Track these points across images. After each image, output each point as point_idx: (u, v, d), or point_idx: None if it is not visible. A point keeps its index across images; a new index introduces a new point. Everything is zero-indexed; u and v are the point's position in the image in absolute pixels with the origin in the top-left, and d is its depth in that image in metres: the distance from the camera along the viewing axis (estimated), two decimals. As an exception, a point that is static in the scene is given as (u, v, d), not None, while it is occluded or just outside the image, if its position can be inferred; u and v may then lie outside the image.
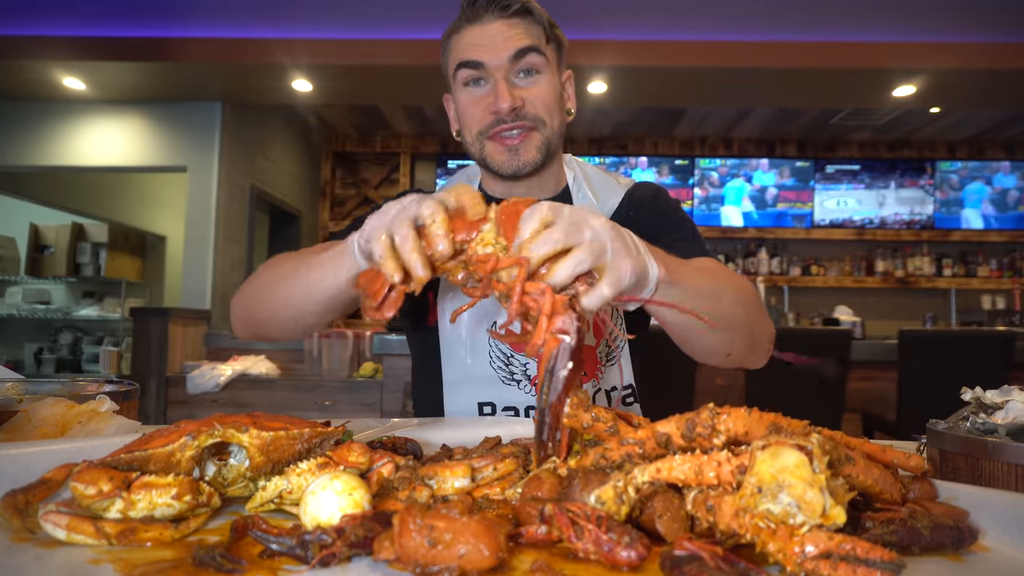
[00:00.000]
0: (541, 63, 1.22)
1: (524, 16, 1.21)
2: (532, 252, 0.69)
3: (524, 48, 1.19)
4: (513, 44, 1.19)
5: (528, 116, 1.21)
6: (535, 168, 1.25)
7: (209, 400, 4.12)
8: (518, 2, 1.20)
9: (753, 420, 0.57)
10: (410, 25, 4.45)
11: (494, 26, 1.20)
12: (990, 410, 0.82)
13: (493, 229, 0.73)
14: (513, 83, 1.21)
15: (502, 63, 1.19)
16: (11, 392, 1.05)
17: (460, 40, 1.23)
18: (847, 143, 7.02)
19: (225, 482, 0.68)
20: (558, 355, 0.66)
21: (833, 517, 0.47)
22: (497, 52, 1.19)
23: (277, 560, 0.52)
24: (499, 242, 0.73)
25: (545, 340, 0.67)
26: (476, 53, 1.20)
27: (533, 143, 1.22)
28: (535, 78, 1.22)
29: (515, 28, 1.20)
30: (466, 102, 1.24)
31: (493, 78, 1.20)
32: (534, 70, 1.21)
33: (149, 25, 4.58)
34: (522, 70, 1.21)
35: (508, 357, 1.25)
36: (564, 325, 0.66)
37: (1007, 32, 4.44)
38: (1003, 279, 6.89)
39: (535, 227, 0.70)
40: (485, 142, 1.24)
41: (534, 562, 0.52)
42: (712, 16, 4.41)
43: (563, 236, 0.69)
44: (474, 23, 1.21)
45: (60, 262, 6.13)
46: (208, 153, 5.50)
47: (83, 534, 0.55)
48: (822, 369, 3.17)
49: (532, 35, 1.21)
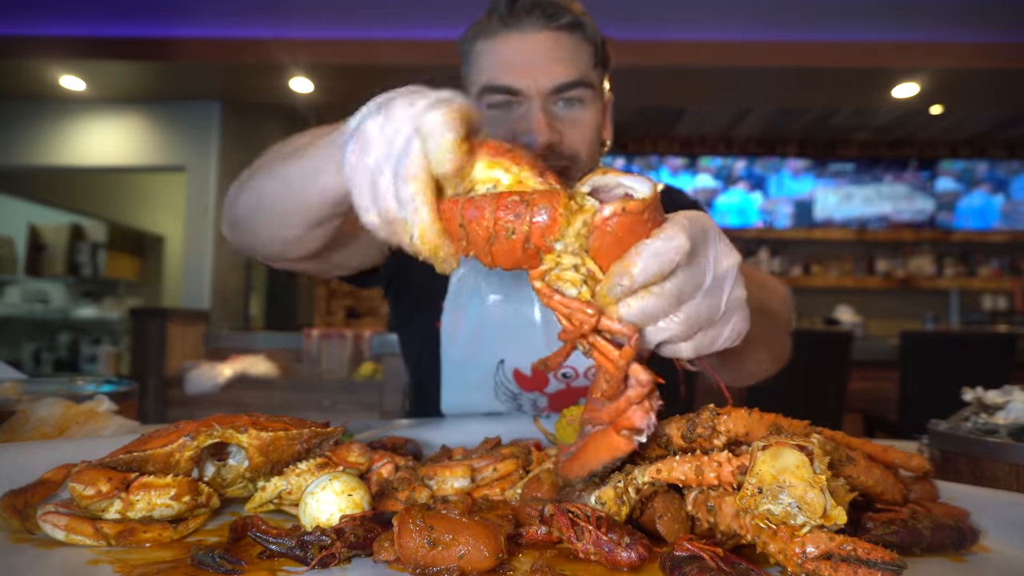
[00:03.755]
0: (586, 94, 1.04)
1: (574, 31, 1.02)
2: (632, 306, 0.49)
3: (570, 83, 1.00)
4: (558, 74, 0.99)
5: (565, 154, 1.02)
6: None
7: (208, 400, 4.11)
8: (569, 13, 1.01)
9: (754, 421, 0.57)
10: (410, 25, 4.45)
11: (537, 39, 1.00)
12: (991, 410, 0.82)
13: (577, 240, 0.50)
14: (552, 112, 1.02)
15: (543, 91, 0.99)
16: (10, 392, 1.05)
17: (493, 50, 1.02)
18: (847, 143, 7.02)
19: (224, 482, 0.68)
20: (613, 460, 0.53)
21: (834, 518, 0.47)
22: (537, 77, 0.99)
23: (276, 561, 0.52)
24: (582, 261, 0.51)
25: (612, 435, 0.52)
26: (512, 77, 0.99)
27: None
28: (578, 110, 1.04)
29: (562, 46, 1.00)
30: (490, 125, 1.04)
31: (529, 103, 1.01)
32: (577, 101, 1.04)
33: (148, 25, 4.58)
34: (563, 100, 1.03)
35: (516, 395, 1.19)
36: (640, 423, 0.51)
37: (1007, 32, 4.44)
38: (1004, 279, 6.89)
39: (651, 272, 0.49)
40: None
41: (534, 563, 0.52)
42: (712, 16, 4.41)
43: (678, 292, 0.51)
44: (512, 30, 1.01)
45: (59, 262, 6.13)
46: (207, 153, 5.50)
47: (82, 535, 0.55)
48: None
49: (581, 59, 1.02)
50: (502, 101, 1.02)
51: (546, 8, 0.99)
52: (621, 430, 0.52)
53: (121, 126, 5.57)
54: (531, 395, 1.19)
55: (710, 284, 0.53)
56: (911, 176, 7.01)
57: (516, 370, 1.18)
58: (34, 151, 5.55)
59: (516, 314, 1.17)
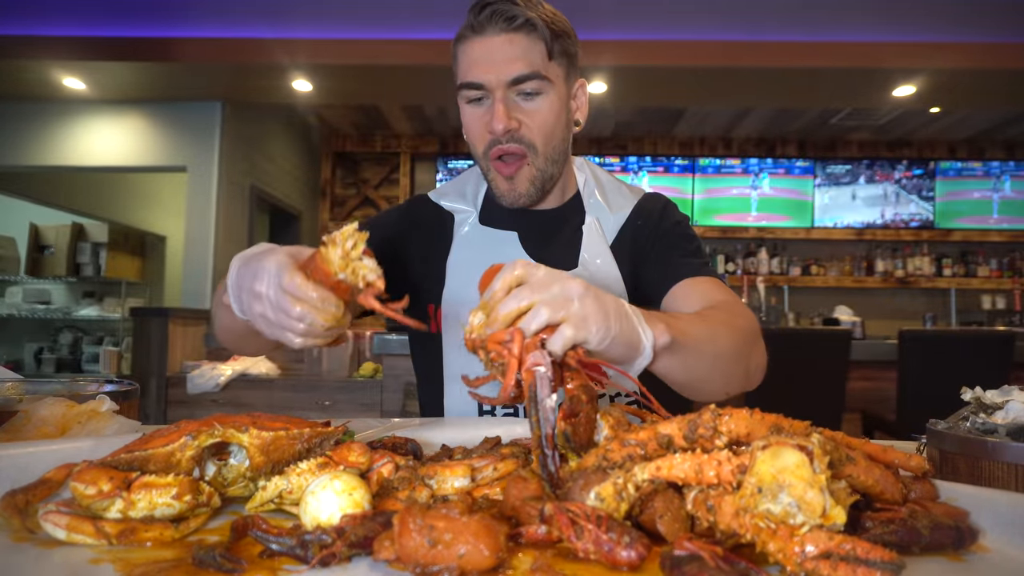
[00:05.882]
0: (543, 86, 1.19)
1: (528, 32, 1.17)
2: (500, 311, 0.71)
3: (521, 76, 1.17)
4: (511, 69, 1.16)
5: (523, 140, 1.19)
6: (530, 202, 1.25)
7: (209, 400, 4.11)
8: (523, 15, 1.16)
9: (754, 421, 0.57)
10: (410, 25, 4.45)
11: (496, 41, 1.17)
12: (990, 410, 0.82)
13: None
14: (514, 102, 1.19)
15: (501, 84, 1.17)
16: (11, 392, 1.06)
17: (465, 54, 1.21)
18: (847, 143, 7.02)
19: (225, 482, 0.68)
20: (537, 385, 0.67)
21: (833, 517, 0.47)
22: (497, 72, 1.17)
23: (277, 560, 0.52)
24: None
25: (521, 378, 0.68)
26: (477, 74, 1.18)
27: (525, 176, 1.21)
28: (536, 101, 1.20)
29: (516, 45, 1.17)
30: (468, 119, 1.23)
31: (493, 97, 1.19)
32: (535, 92, 1.19)
33: (149, 25, 4.58)
34: (520, 92, 1.19)
35: None
36: (535, 359, 0.68)
37: (1007, 32, 4.44)
38: (1003, 279, 6.89)
39: (503, 285, 0.73)
40: (489, 165, 1.23)
41: (534, 562, 0.52)
42: (712, 16, 4.41)
43: (530, 293, 0.72)
44: (478, 34, 1.19)
45: (60, 262, 6.13)
46: (208, 153, 5.50)
47: (83, 534, 0.55)
48: None
49: (534, 54, 1.18)
50: (475, 96, 1.20)
51: (503, 14, 1.16)
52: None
53: (122, 126, 5.57)
54: None
55: (558, 292, 0.73)
56: (910, 176, 7.01)
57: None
58: (36, 151, 5.55)
59: None
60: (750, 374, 1.10)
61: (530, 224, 1.30)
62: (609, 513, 0.54)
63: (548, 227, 1.31)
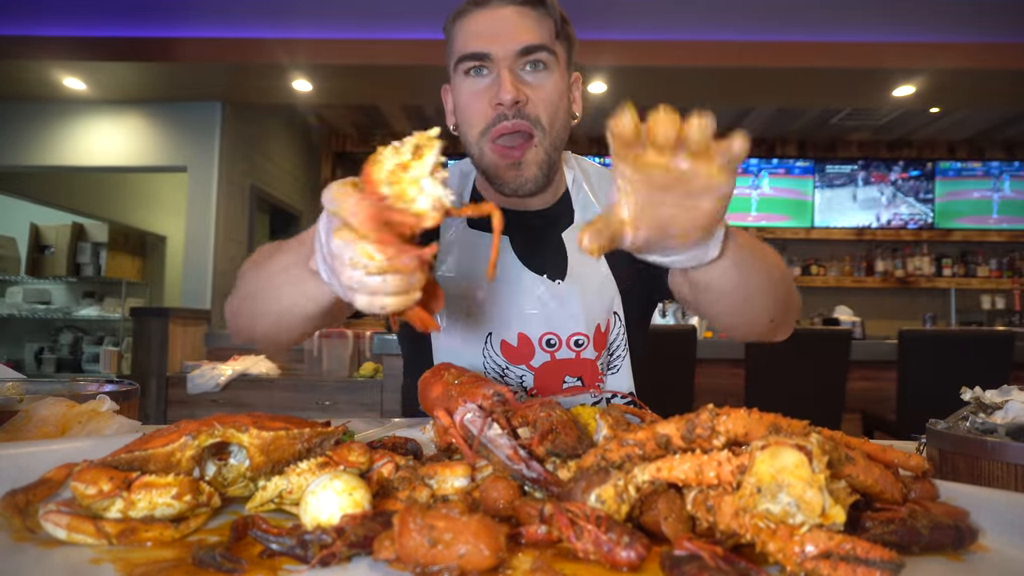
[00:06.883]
0: (550, 61, 1.15)
1: (536, 6, 1.14)
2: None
3: (533, 46, 1.12)
4: (522, 38, 1.11)
5: (529, 116, 1.13)
6: (536, 188, 1.19)
7: (209, 400, 4.11)
8: None
9: (753, 421, 0.57)
10: (409, 25, 4.45)
11: (503, 12, 1.12)
12: (990, 410, 0.82)
13: None
14: (519, 76, 1.13)
15: (509, 54, 1.11)
16: (11, 392, 1.06)
17: (465, 26, 1.15)
18: (847, 143, 7.02)
19: (225, 482, 0.68)
20: (470, 430, 0.70)
21: (833, 517, 0.47)
22: (504, 43, 1.11)
23: (277, 560, 0.52)
24: None
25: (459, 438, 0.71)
26: (481, 43, 1.12)
27: (534, 159, 1.15)
28: (542, 75, 1.14)
29: (526, 18, 1.13)
30: (467, 95, 1.16)
31: (498, 68, 1.12)
32: (542, 65, 1.14)
33: (149, 25, 4.58)
34: (529, 63, 1.14)
35: (503, 369, 1.22)
36: (460, 415, 0.72)
37: (1007, 32, 4.44)
38: (1003, 279, 6.89)
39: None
40: (486, 148, 1.15)
41: (534, 562, 0.52)
42: (712, 16, 4.41)
43: None
44: (482, 7, 1.14)
45: (60, 262, 6.14)
46: (208, 153, 5.50)
47: (83, 534, 0.55)
48: None
49: (543, 29, 1.14)
50: (475, 66, 1.14)
51: None
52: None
53: (123, 126, 5.57)
54: (518, 370, 1.21)
55: None
56: (910, 177, 7.01)
57: (503, 340, 1.21)
58: (36, 151, 5.55)
59: (503, 283, 1.21)
60: (790, 310, 1.05)
61: (519, 227, 1.25)
62: (610, 514, 0.54)
63: (538, 231, 1.26)
